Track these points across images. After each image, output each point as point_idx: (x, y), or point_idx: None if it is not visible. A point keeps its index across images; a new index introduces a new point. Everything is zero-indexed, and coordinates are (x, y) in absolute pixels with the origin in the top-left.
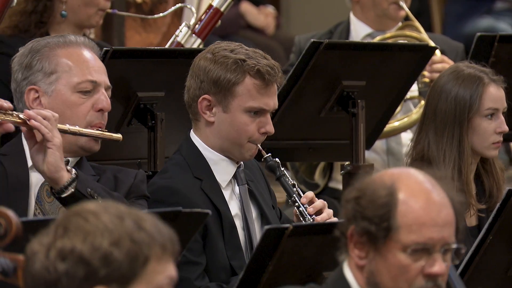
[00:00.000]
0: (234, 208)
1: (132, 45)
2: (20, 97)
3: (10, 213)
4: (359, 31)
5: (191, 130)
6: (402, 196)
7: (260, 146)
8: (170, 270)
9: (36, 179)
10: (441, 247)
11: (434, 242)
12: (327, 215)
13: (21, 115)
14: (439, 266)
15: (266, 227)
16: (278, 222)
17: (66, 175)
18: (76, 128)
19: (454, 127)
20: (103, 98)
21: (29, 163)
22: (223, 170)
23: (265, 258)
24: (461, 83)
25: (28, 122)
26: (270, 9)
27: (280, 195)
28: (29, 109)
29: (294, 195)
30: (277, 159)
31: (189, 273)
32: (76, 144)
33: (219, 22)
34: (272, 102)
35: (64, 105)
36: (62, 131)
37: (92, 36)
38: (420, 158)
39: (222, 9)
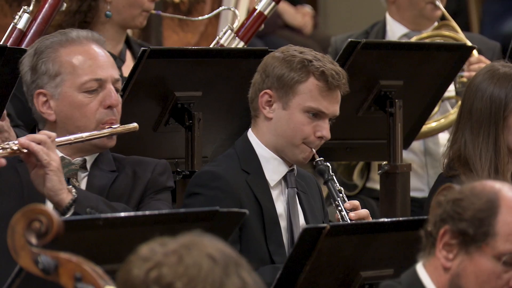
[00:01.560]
0: (279, 208)
1: (170, 45)
2: (31, 99)
3: (51, 211)
4: (396, 31)
5: (250, 128)
6: (504, 206)
7: (315, 151)
8: None
9: None
10: None
11: None
12: None
13: (14, 146)
14: None
15: (304, 226)
16: None
17: (66, 197)
18: (81, 136)
19: (490, 126)
20: (111, 94)
21: None
22: (273, 169)
23: (302, 257)
24: (497, 82)
25: (22, 151)
26: (307, 9)
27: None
28: (40, 113)
29: (339, 199)
30: (328, 163)
31: None
32: (89, 143)
33: (263, 25)
34: (332, 107)
35: (72, 106)
36: (66, 144)
37: (129, 33)
38: (457, 158)
39: (266, 13)
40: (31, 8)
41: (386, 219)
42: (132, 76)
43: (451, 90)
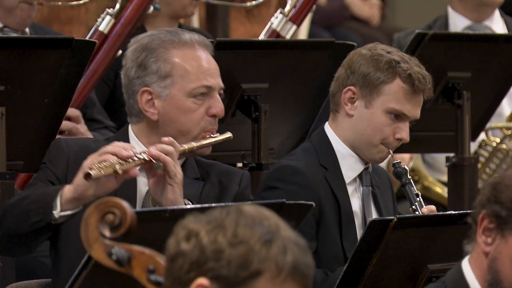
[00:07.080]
0: (355, 205)
1: (237, 37)
2: (131, 94)
3: (125, 204)
4: (458, 24)
5: (327, 122)
6: None
7: (392, 152)
8: None
9: (144, 185)
10: None
11: None
12: None
13: (145, 157)
14: None
15: (370, 219)
16: None
17: None
18: (192, 145)
19: None
20: (217, 104)
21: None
22: (350, 165)
23: (369, 250)
24: None
25: (153, 160)
26: (375, 0)
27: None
28: (141, 110)
29: (416, 203)
30: (405, 166)
31: None
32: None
33: (314, 6)
34: (414, 111)
35: (179, 110)
36: (183, 154)
37: (196, 26)
38: None
39: None
40: (115, 10)
41: (453, 212)
42: None
43: None
